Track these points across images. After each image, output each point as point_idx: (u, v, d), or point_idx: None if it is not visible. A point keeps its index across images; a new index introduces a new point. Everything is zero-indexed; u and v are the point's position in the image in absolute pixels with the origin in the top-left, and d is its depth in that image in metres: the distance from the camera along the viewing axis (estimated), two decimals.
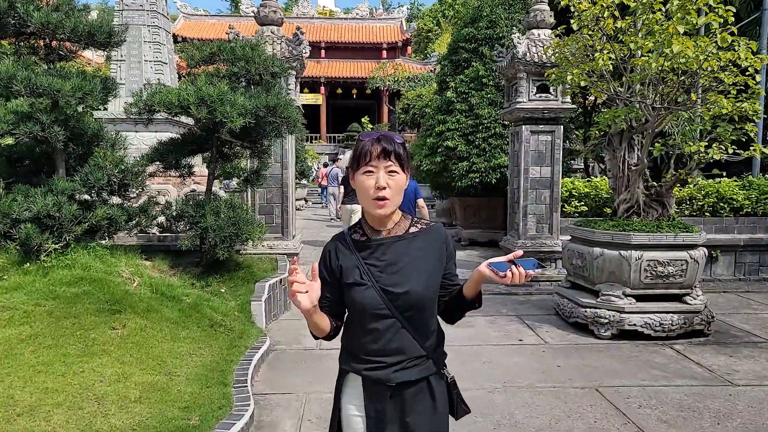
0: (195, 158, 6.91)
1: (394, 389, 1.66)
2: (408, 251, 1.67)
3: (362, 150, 1.62)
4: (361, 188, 1.64)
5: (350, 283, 1.66)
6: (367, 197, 1.63)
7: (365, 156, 1.61)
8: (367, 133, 1.67)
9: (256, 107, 5.59)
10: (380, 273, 1.65)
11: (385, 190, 1.60)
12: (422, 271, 1.66)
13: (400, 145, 1.64)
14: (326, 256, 1.75)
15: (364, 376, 1.68)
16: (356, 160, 1.64)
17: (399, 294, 1.62)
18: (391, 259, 1.65)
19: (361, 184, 1.63)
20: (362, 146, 1.62)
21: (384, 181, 1.60)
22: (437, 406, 1.71)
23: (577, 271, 5.98)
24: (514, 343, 5.38)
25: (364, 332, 1.68)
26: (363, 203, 1.66)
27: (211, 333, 4.83)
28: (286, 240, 7.71)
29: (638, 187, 5.70)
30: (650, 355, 5.01)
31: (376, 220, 1.69)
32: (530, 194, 7.94)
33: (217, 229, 5.61)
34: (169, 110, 5.36)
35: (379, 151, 1.60)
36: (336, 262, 1.71)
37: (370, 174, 1.61)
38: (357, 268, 1.67)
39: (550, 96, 7.82)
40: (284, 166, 7.68)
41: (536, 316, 6.36)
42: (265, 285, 5.92)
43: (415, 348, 1.67)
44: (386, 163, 1.60)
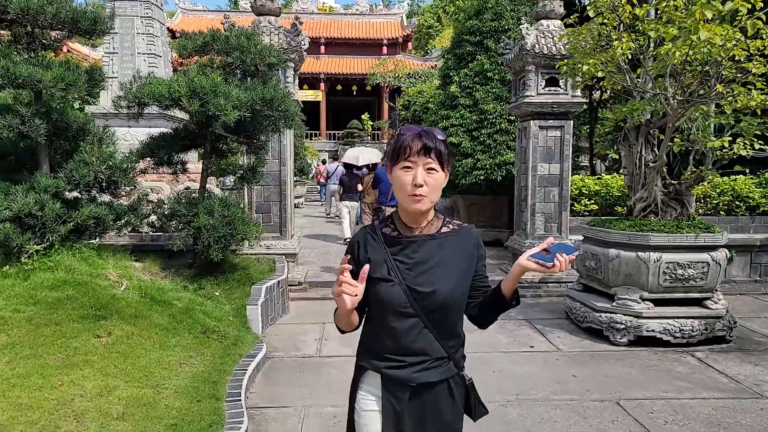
0: (189, 154, 6.60)
1: (413, 390, 1.64)
2: (439, 251, 1.65)
3: (402, 144, 1.57)
4: (398, 183, 1.59)
5: (377, 278, 1.61)
6: (403, 192, 1.59)
7: (404, 151, 1.57)
8: (409, 127, 1.62)
9: (252, 100, 5.28)
10: (408, 271, 1.62)
11: (422, 187, 1.56)
12: (451, 272, 1.64)
13: (442, 143, 1.59)
14: (354, 246, 1.71)
15: (384, 374, 1.66)
16: (395, 153, 1.59)
17: (426, 294, 1.60)
18: (420, 258, 1.63)
19: (399, 179, 1.59)
20: (402, 141, 1.58)
21: (422, 178, 1.56)
22: (455, 407, 1.70)
23: (591, 274, 5.67)
24: (525, 349, 5.08)
25: (386, 330, 1.65)
26: (399, 198, 1.62)
27: (204, 340, 4.52)
28: (285, 239, 7.41)
29: (656, 184, 5.39)
30: (671, 364, 4.71)
31: (410, 216, 1.66)
32: (538, 192, 7.63)
33: (211, 229, 5.31)
34: (159, 103, 5.06)
35: (420, 147, 1.56)
36: (364, 254, 1.68)
37: (408, 170, 1.57)
38: (385, 263, 1.64)
39: (559, 90, 7.51)
40: (282, 162, 7.37)
41: (547, 320, 6.06)
42: (261, 288, 5.62)
43: (438, 349, 1.65)
44: (426, 160, 1.56)
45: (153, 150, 5.62)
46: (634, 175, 5.58)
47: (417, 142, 1.56)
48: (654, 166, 5.36)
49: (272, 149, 7.34)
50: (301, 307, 6.57)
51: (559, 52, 7.26)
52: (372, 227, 1.73)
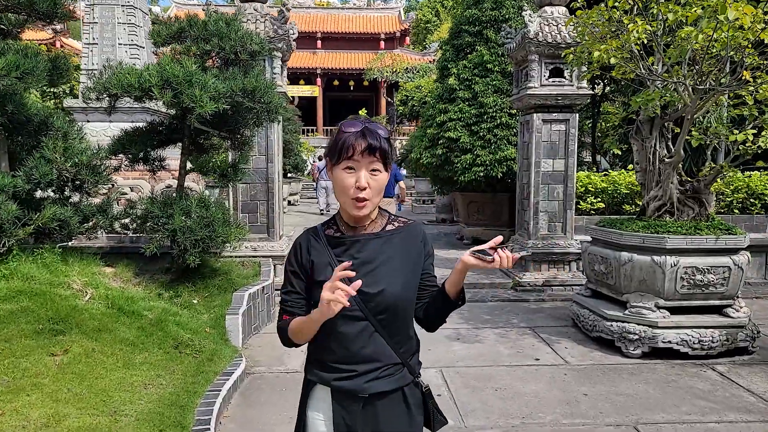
0: (170, 150, 6.15)
1: (366, 400, 1.55)
2: (384, 250, 1.58)
3: (345, 143, 1.49)
4: (340, 186, 1.52)
5: (321, 281, 1.49)
6: (345, 196, 1.52)
7: (347, 150, 1.48)
8: (350, 122, 1.53)
9: (232, 90, 4.82)
10: (353, 271, 1.46)
11: (365, 191, 1.49)
12: (398, 271, 1.57)
13: (386, 140, 1.52)
14: (297, 249, 1.64)
15: (334, 386, 1.57)
16: (336, 152, 1.50)
17: (373, 294, 1.52)
18: (365, 257, 1.55)
19: (341, 181, 1.51)
20: (344, 139, 1.49)
21: (365, 180, 1.49)
22: (412, 417, 1.61)
23: (600, 278, 5.24)
24: (529, 363, 4.65)
25: (333, 337, 1.55)
26: (341, 201, 1.55)
27: (175, 356, 4.08)
28: (272, 241, 6.96)
29: (672, 182, 4.96)
30: (691, 380, 4.28)
31: (352, 218, 1.59)
32: (542, 190, 7.19)
33: (187, 232, 4.86)
34: (127, 93, 4.61)
35: (364, 146, 1.47)
36: (307, 256, 1.61)
37: (350, 171, 1.49)
38: (329, 266, 1.55)
39: (564, 80, 7.06)
40: (269, 159, 6.92)
41: (552, 328, 5.63)
42: (244, 295, 5.18)
43: (390, 355, 1.57)
44: (369, 160, 1.49)
45: (125, 146, 5.16)
46: (648, 171, 5.15)
47: (361, 141, 1.47)
48: (670, 161, 4.93)
49: (258, 145, 6.88)
50: None
51: (564, 40, 6.81)
52: (314, 229, 1.66)
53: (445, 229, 12.88)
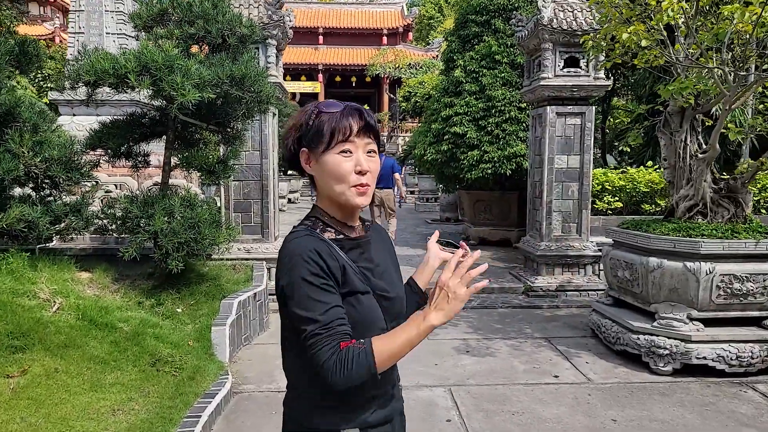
0: (156, 145, 5.69)
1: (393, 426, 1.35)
2: (380, 250, 1.41)
3: (337, 124, 1.25)
4: (336, 173, 1.26)
5: (356, 292, 1.26)
6: (343, 184, 1.27)
7: (343, 131, 1.25)
8: (329, 102, 1.31)
9: (218, 78, 4.36)
10: (373, 277, 1.32)
11: (366, 175, 1.28)
12: (397, 273, 1.43)
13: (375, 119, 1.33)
14: (316, 257, 1.22)
15: (370, 423, 1.28)
16: (326, 136, 1.25)
17: (392, 299, 1.34)
18: (377, 260, 1.36)
19: (337, 167, 1.26)
20: (335, 119, 1.25)
21: (366, 164, 1.27)
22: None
23: (624, 286, 4.77)
24: (548, 381, 4.18)
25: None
26: (335, 191, 1.28)
27: (152, 375, 3.63)
28: (267, 242, 6.51)
29: (705, 180, 4.48)
30: (731, 402, 3.81)
31: (348, 213, 1.34)
32: (555, 188, 6.72)
33: (170, 234, 4.41)
34: (101, 81, 4.14)
35: (361, 126, 1.27)
36: (334, 263, 1.24)
37: (347, 155, 1.26)
38: (355, 273, 1.28)
39: (580, 71, 6.58)
40: (264, 154, 6.46)
41: (569, 339, 5.16)
42: (233, 303, 4.72)
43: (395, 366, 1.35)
44: (366, 141, 1.29)
45: (101, 139, 4.71)
46: (678, 168, 4.67)
47: (357, 119, 1.27)
48: (704, 157, 4.45)
49: (252, 139, 6.43)
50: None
51: (580, 27, 6.34)
52: (310, 231, 1.30)
53: (449, 228, 12.41)
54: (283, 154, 1.36)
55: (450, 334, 5.20)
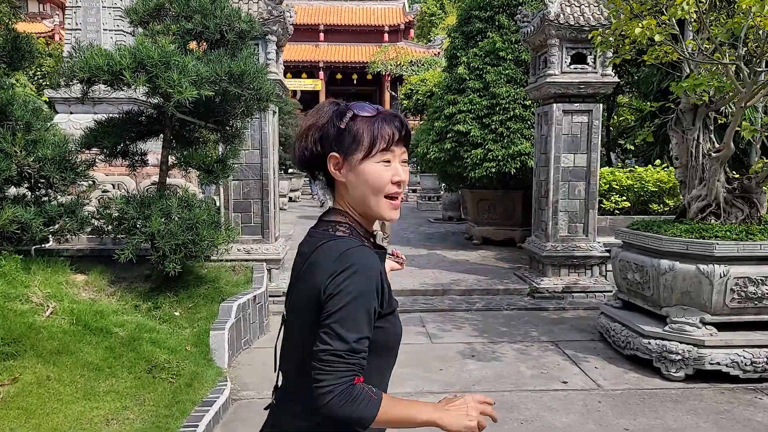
0: (154, 144, 5.56)
1: None
2: None
3: (380, 131, 1.18)
4: (377, 182, 1.19)
5: (394, 310, 1.24)
6: (379, 194, 1.21)
7: (386, 139, 1.18)
8: (361, 105, 1.21)
9: (216, 75, 4.23)
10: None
11: (401, 186, 1.23)
12: None
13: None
14: (380, 277, 1.17)
15: None
16: (369, 143, 1.18)
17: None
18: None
19: (378, 176, 1.19)
20: (378, 125, 1.18)
21: (403, 174, 1.23)
22: None
23: (634, 288, 4.64)
24: (557, 387, 4.05)
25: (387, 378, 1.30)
26: (371, 201, 1.21)
27: (147, 382, 3.51)
28: (268, 243, 6.38)
29: (718, 179, 4.35)
30: (747, 409, 3.69)
31: (371, 222, 1.29)
32: (561, 187, 6.58)
33: (167, 236, 4.28)
34: (95, 77, 4.02)
35: (402, 134, 1.22)
36: (383, 284, 1.19)
37: (387, 165, 1.20)
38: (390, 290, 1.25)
39: (587, 67, 6.43)
40: (264, 153, 6.33)
41: (577, 342, 5.03)
42: (232, 306, 4.60)
43: None
44: (402, 150, 1.24)
45: (96, 138, 4.58)
46: (690, 167, 4.54)
47: (398, 127, 1.20)
48: (717, 156, 4.31)
49: (251, 138, 6.30)
50: None
51: (587, 22, 6.19)
52: (361, 241, 1.22)
53: (452, 227, 12.28)
54: (300, 154, 1.24)
55: (455, 338, 5.08)
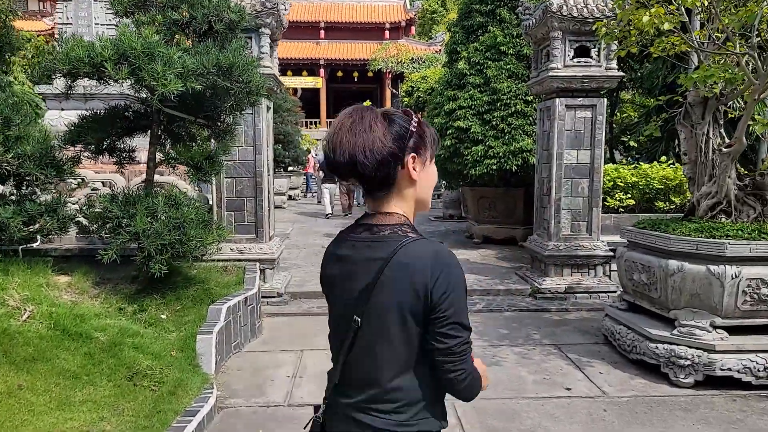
0: (143, 140, 5.38)
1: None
2: None
3: (434, 134, 1.37)
4: (434, 180, 1.40)
5: None
6: (431, 192, 1.41)
7: (436, 141, 1.39)
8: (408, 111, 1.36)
9: (203, 67, 4.05)
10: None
11: None
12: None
13: None
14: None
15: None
16: (432, 146, 1.37)
17: None
18: None
19: (435, 174, 1.40)
20: (431, 129, 1.37)
21: None
22: None
23: (640, 290, 4.44)
24: (560, 394, 3.86)
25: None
26: (429, 198, 1.41)
27: (128, 390, 3.33)
28: (261, 242, 6.20)
29: (729, 176, 4.15)
30: (760, 419, 3.49)
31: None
32: (564, 184, 6.38)
33: (152, 235, 4.10)
34: (75, 70, 3.83)
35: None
36: None
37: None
38: None
39: (590, 60, 6.23)
40: (257, 150, 6.14)
41: (580, 346, 4.84)
42: (221, 308, 4.42)
43: None
44: None
45: (80, 134, 4.40)
46: (699, 163, 4.34)
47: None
48: (728, 151, 4.11)
49: (245, 134, 6.11)
50: (277, 327, 5.38)
51: (591, 14, 5.99)
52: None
53: (452, 226, 12.09)
54: (376, 157, 1.24)
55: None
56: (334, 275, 1.37)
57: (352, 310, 1.31)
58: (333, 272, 1.37)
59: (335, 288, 1.38)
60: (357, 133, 1.23)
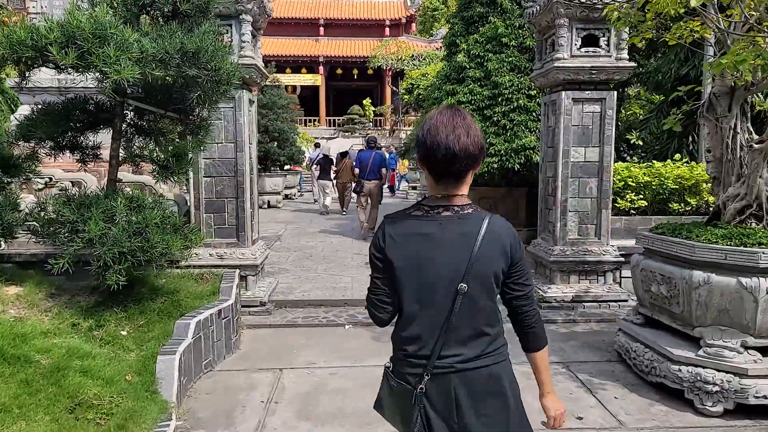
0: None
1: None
2: None
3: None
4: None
5: None
6: None
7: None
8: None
9: (165, 52, 3.57)
10: None
11: None
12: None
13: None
14: None
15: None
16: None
17: None
18: None
19: None
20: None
21: None
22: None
23: (659, 303, 3.96)
24: (570, 424, 3.38)
25: None
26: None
27: (68, 425, 2.86)
28: (243, 247, 5.73)
29: (761, 176, 3.66)
30: None
31: None
32: (571, 184, 5.90)
33: (109, 242, 3.63)
34: (16, 55, 3.36)
35: None
36: None
37: None
38: None
39: (599, 50, 5.75)
40: (238, 146, 5.67)
41: (591, 364, 4.36)
42: (189, 323, 3.95)
43: None
44: None
45: (30, 129, 3.93)
46: (725, 161, 3.85)
47: None
48: (759, 147, 3.63)
49: (225, 130, 5.64)
50: (257, 341, 4.91)
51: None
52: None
53: None
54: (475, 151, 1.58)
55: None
56: (418, 252, 1.58)
57: (455, 278, 1.56)
58: (417, 249, 1.58)
59: (423, 264, 1.57)
60: (463, 128, 1.55)
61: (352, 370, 4.23)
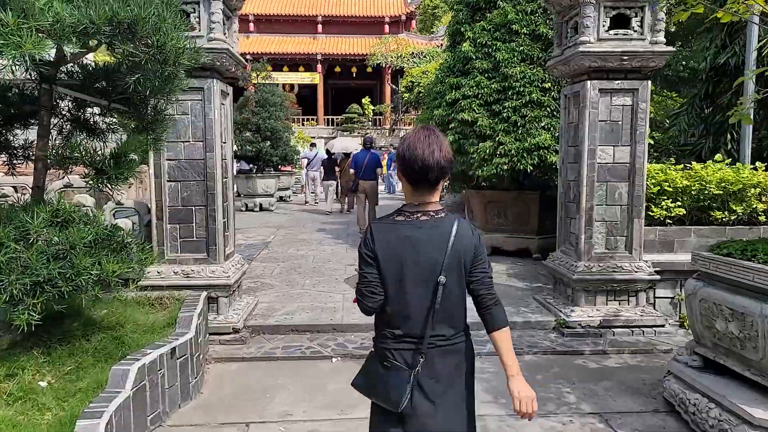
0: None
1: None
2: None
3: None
4: None
5: None
6: None
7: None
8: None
9: (90, 23, 2.73)
10: None
11: None
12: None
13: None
14: None
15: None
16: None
17: None
18: None
19: None
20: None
21: None
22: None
23: (726, 345, 3.12)
24: None
25: None
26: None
27: None
28: (213, 263, 4.89)
29: None
30: None
31: None
32: (598, 189, 5.06)
33: (17, 270, 2.79)
34: None
35: None
36: None
37: None
38: None
39: (631, 32, 4.90)
40: (208, 146, 4.83)
41: (635, 416, 3.51)
42: (128, 370, 3.11)
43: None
44: None
45: None
46: None
47: None
48: None
49: (192, 126, 4.82)
50: (224, 380, 4.06)
51: None
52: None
53: None
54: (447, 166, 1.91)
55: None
56: (404, 253, 1.87)
57: (436, 273, 1.85)
58: (403, 250, 1.87)
59: (407, 261, 1.86)
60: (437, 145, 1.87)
61: (337, 425, 3.39)
